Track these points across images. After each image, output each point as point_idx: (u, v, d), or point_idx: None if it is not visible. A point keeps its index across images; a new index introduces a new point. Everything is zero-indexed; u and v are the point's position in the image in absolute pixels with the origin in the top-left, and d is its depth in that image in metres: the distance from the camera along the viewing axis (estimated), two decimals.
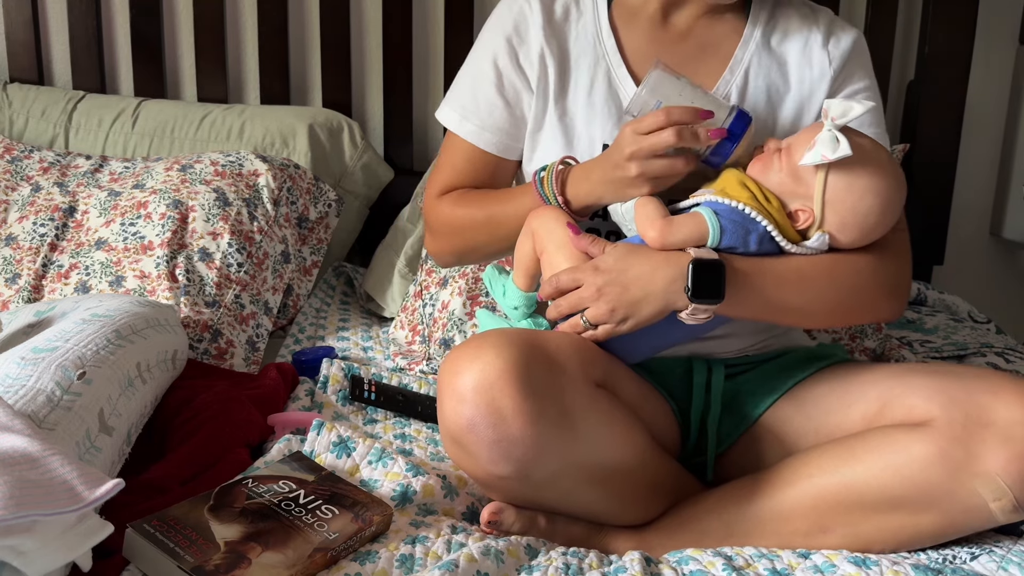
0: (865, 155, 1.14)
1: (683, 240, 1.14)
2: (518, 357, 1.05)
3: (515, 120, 1.33)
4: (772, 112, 1.30)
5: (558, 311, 1.17)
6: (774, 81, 1.31)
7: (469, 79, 1.36)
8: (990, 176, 2.31)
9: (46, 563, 0.85)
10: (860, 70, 1.33)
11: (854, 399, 1.18)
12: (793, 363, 1.27)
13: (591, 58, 1.31)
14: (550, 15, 1.32)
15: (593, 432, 1.10)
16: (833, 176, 1.14)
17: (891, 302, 1.25)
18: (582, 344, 1.15)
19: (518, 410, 1.03)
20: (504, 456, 1.05)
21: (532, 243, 1.22)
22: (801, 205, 1.16)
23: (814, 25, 1.32)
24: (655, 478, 1.18)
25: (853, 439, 1.13)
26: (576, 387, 1.09)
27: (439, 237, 1.40)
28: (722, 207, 1.15)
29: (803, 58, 1.31)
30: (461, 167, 1.36)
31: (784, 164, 1.16)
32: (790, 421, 1.22)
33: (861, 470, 1.10)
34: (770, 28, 1.32)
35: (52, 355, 1.11)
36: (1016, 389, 1.07)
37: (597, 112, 1.29)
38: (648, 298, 1.13)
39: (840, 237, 1.17)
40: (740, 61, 1.30)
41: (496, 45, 1.33)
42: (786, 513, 1.13)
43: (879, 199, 1.15)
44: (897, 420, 1.12)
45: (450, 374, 1.07)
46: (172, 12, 2.13)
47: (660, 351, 1.24)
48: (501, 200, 1.31)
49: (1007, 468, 1.04)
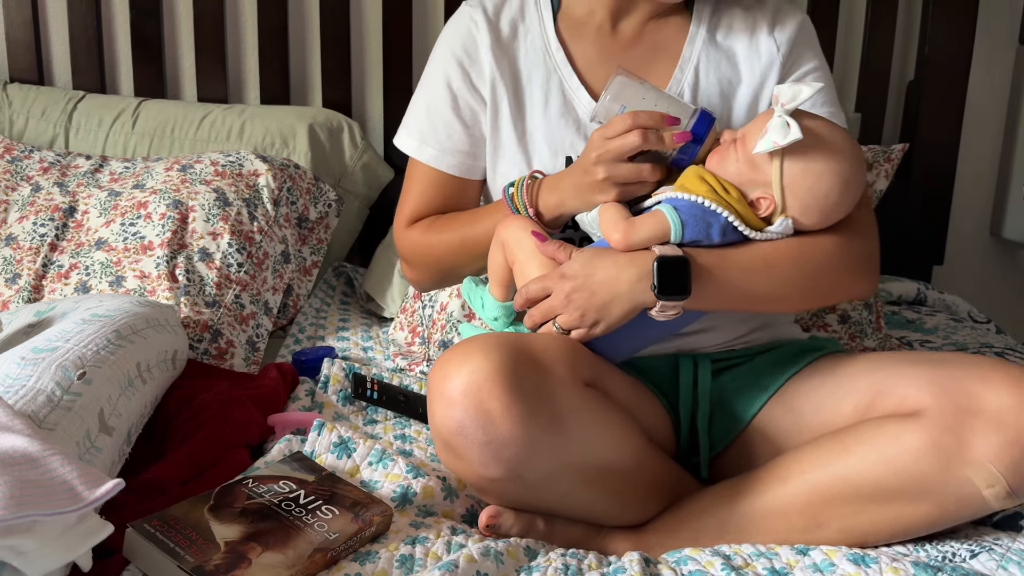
0: (817, 137, 1.15)
1: (646, 239, 1.15)
2: (506, 359, 1.05)
3: (474, 140, 1.35)
4: (727, 105, 1.32)
5: (532, 320, 1.19)
6: (724, 74, 1.32)
7: (424, 104, 1.38)
8: (990, 176, 2.31)
9: (46, 563, 0.85)
10: (808, 51, 1.34)
11: (845, 392, 1.18)
12: (783, 358, 1.27)
13: (543, 73, 1.32)
14: (497, 34, 1.34)
15: (585, 432, 1.10)
16: (788, 161, 1.15)
17: (862, 279, 1.25)
18: (570, 345, 1.15)
19: (507, 411, 1.04)
20: (495, 458, 1.05)
21: (503, 254, 1.24)
22: (762, 193, 1.17)
23: (758, 13, 1.34)
24: (651, 477, 1.18)
25: (845, 432, 1.13)
26: (565, 387, 1.09)
27: (415, 266, 1.41)
28: (682, 202, 1.16)
29: (751, 48, 1.33)
30: (427, 192, 1.38)
31: (740, 154, 1.17)
32: (782, 421, 1.22)
33: (854, 463, 1.10)
34: (715, 23, 1.34)
35: (52, 355, 1.11)
36: (1006, 375, 1.08)
37: (554, 125, 1.31)
38: (616, 300, 1.14)
39: (803, 220, 1.18)
40: (689, 59, 1.32)
41: (448, 67, 1.35)
42: (781, 509, 1.13)
43: (837, 179, 1.16)
44: (889, 411, 1.12)
45: (439, 379, 1.08)
46: (172, 12, 2.14)
47: (641, 349, 1.25)
48: (472, 220, 1.33)
49: (999, 455, 1.05)
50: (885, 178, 1.97)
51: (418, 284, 1.46)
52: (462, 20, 1.36)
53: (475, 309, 1.31)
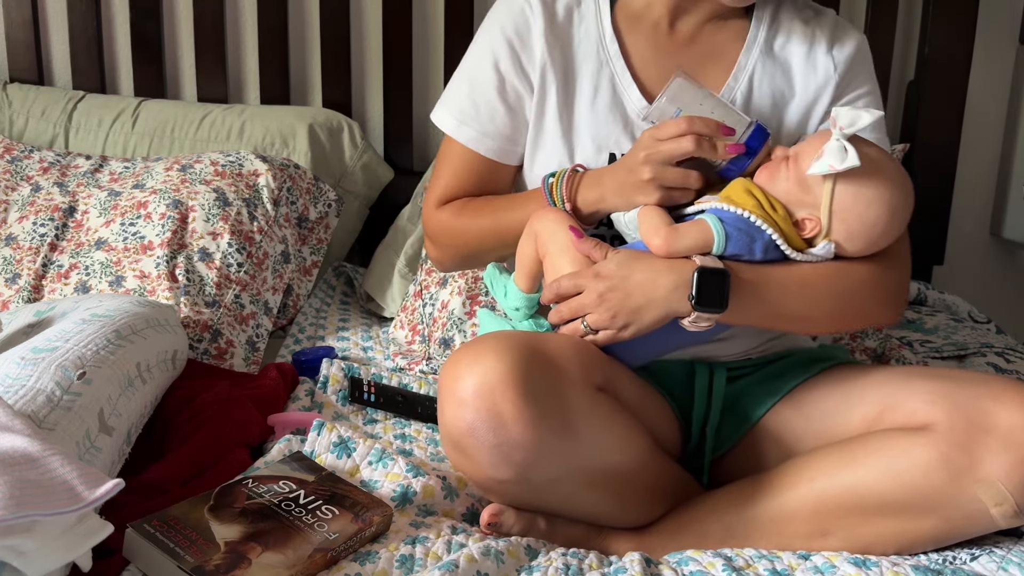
0: (873, 165, 1.14)
1: (688, 247, 1.13)
2: (519, 361, 1.04)
3: (516, 125, 1.31)
4: (777, 117, 1.30)
5: (559, 316, 1.17)
6: (779, 86, 1.30)
7: (467, 82, 1.33)
8: (990, 176, 2.31)
9: (46, 563, 0.85)
10: (863, 75, 1.33)
11: (855, 402, 1.17)
12: (794, 365, 1.26)
13: (594, 63, 1.29)
14: (552, 18, 1.29)
15: (594, 436, 1.09)
16: (841, 186, 1.14)
17: (890, 309, 1.25)
18: (583, 347, 1.14)
19: (519, 414, 1.03)
20: (505, 460, 1.05)
21: (534, 245, 1.21)
22: (808, 214, 1.16)
23: (817, 29, 1.31)
24: (656, 481, 1.17)
25: (854, 442, 1.12)
26: (577, 391, 1.08)
27: (442, 246, 1.38)
28: (727, 215, 1.14)
29: (807, 63, 1.30)
30: (461, 174, 1.34)
31: (791, 173, 1.16)
32: (790, 423, 1.21)
33: (862, 474, 1.09)
34: (773, 32, 1.31)
35: (52, 355, 1.11)
36: (1018, 394, 1.07)
37: (601, 119, 1.28)
38: (650, 305, 1.12)
39: (846, 246, 1.17)
40: (744, 67, 1.30)
41: (496, 47, 1.30)
42: (786, 516, 1.12)
43: (886, 209, 1.15)
44: (898, 424, 1.11)
45: (451, 379, 1.06)
46: (172, 12, 2.13)
47: (662, 355, 1.24)
48: (507, 207, 1.30)
49: (1009, 474, 1.04)
50: None
51: (440, 263, 1.42)
52: (516, 1, 1.31)
53: (496, 296, 1.28)
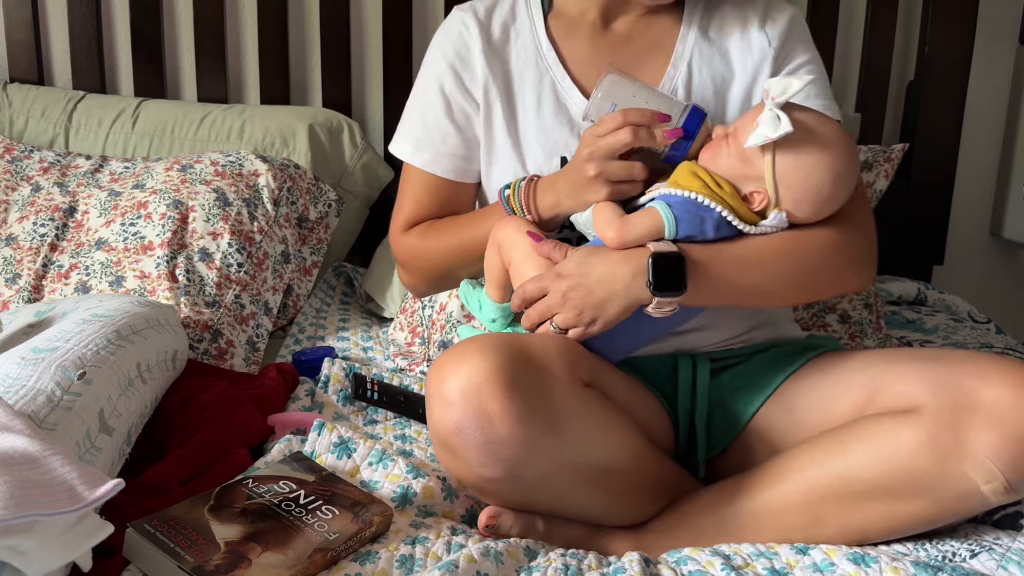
0: (809, 130, 1.15)
1: (640, 236, 1.15)
2: (504, 360, 1.06)
3: (468, 143, 1.36)
4: (721, 101, 1.32)
5: (529, 321, 1.19)
6: (718, 70, 1.33)
7: (417, 109, 1.38)
8: (990, 176, 2.32)
9: (46, 563, 0.85)
10: (800, 45, 1.34)
11: (843, 390, 1.18)
12: (781, 357, 1.27)
13: (535, 74, 1.33)
14: (489, 36, 1.34)
15: (583, 432, 1.10)
16: (780, 154, 1.15)
17: (857, 273, 1.25)
18: (568, 344, 1.15)
19: (505, 412, 1.04)
20: (493, 458, 1.06)
21: (499, 255, 1.24)
22: (755, 187, 1.17)
23: (749, 8, 1.34)
24: (650, 477, 1.18)
25: (843, 430, 1.13)
26: (563, 387, 1.09)
27: (412, 271, 1.41)
28: (675, 198, 1.16)
29: (743, 43, 1.33)
30: (422, 198, 1.38)
31: (732, 149, 1.17)
32: (780, 422, 1.22)
33: (852, 460, 1.10)
34: (706, 20, 1.34)
35: (52, 355, 1.11)
36: (1003, 371, 1.08)
37: (548, 126, 1.31)
38: (612, 297, 1.14)
39: (797, 213, 1.18)
40: (682, 56, 1.32)
41: (440, 72, 1.35)
42: (780, 507, 1.13)
43: (829, 171, 1.16)
44: (886, 408, 1.12)
45: (437, 380, 1.08)
46: (172, 12, 2.14)
47: (639, 348, 1.25)
48: (469, 224, 1.33)
49: (997, 451, 1.05)
50: (885, 178, 1.97)
51: (415, 289, 1.46)
52: (453, 24, 1.36)
53: (472, 311, 1.31)
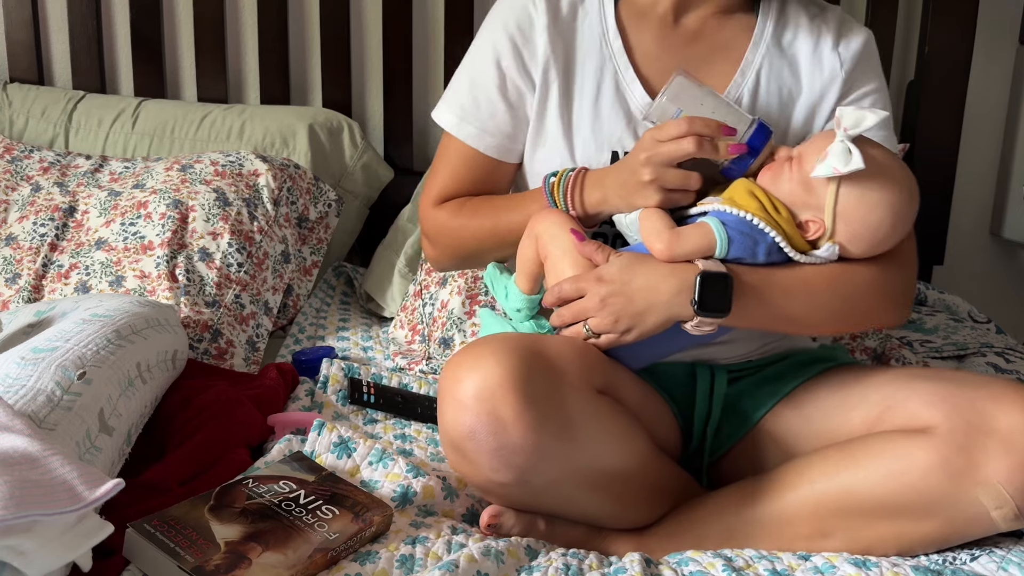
0: (878, 167, 1.13)
1: (690, 252, 1.13)
2: (519, 365, 1.04)
3: (517, 122, 1.30)
4: (784, 114, 1.29)
5: (561, 320, 1.16)
6: (786, 83, 1.29)
7: (468, 79, 1.32)
8: (990, 176, 2.31)
9: (46, 563, 0.85)
10: (870, 72, 1.31)
11: (855, 403, 1.17)
12: (794, 366, 1.26)
13: (597, 60, 1.28)
14: (556, 14, 1.28)
15: (594, 438, 1.09)
16: (845, 188, 1.13)
17: (895, 311, 1.24)
18: (583, 349, 1.13)
19: (519, 418, 1.03)
20: (505, 464, 1.05)
21: (535, 247, 1.20)
22: (811, 216, 1.15)
23: (823, 25, 1.30)
24: (656, 482, 1.17)
25: (854, 444, 1.12)
26: (577, 394, 1.08)
27: (439, 246, 1.37)
28: (730, 217, 1.13)
29: (814, 60, 1.29)
30: (460, 171, 1.33)
31: (795, 174, 1.15)
32: (789, 424, 1.21)
33: (862, 476, 1.09)
34: (780, 27, 1.30)
35: (52, 355, 1.11)
36: (1018, 397, 1.06)
37: (604, 116, 1.27)
38: (652, 309, 1.12)
39: (850, 248, 1.16)
40: (751, 63, 1.28)
41: (499, 44, 1.29)
42: (787, 517, 1.12)
43: (891, 212, 1.14)
44: (898, 425, 1.11)
45: (451, 382, 1.06)
46: (172, 12, 2.14)
47: (663, 358, 1.23)
48: (507, 207, 1.29)
49: (1009, 477, 1.04)
50: None
51: (437, 262, 1.41)
52: None
53: (497, 297, 1.27)
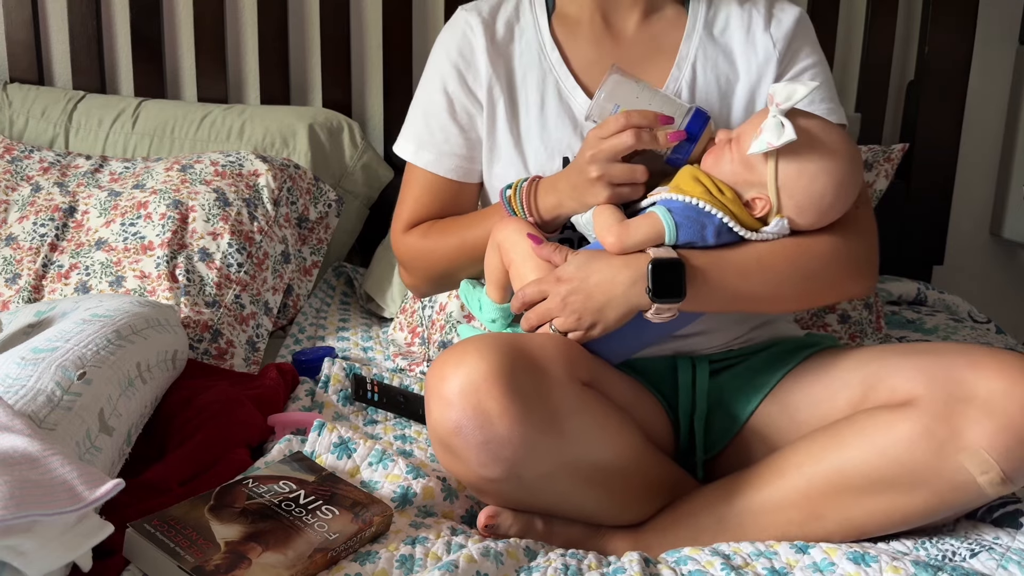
0: (812, 137, 1.15)
1: (640, 241, 1.15)
2: (502, 360, 1.06)
3: (471, 143, 1.35)
4: (724, 102, 1.32)
5: (528, 323, 1.19)
6: (722, 71, 1.32)
7: (421, 109, 1.38)
8: (990, 176, 2.31)
9: (46, 563, 0.85)
10: (806, 47, 1.34)
11: (839, 387, 1.18)
12: (779, 355, 1.27)
13: (538, 73, 1.32)
14: (492, 36, 1.34)
15: (582, 431, 1.10)
16: (783, 161, 1.15)
17: (858, 280, 1.25)
18: (567, 344, 1.15)
19: (504, 411, 1.04)
20: (493, 458, 1.06)
21: (499, 256, 1.24)
22: (757, 193, 1.17)
23: (753, 8, 1.34)
24: (649, 477, 1.18)
25: (839, 425, 1.14)
26: (562, 387, 1.09)
27: (413, 271, 1.41)
28: (676, 204, 1.16)
29: (747, 44, 1.32)
30: (424, 197, 1.38)
31: (735, 154, 1.17)
32: (778, 421, 1.22)
33: (849, 454, 1.10)
34: (711, 17, 1.34)
35: (52, 355, 1.11)
36: (996, 362, 1.08)
37: (551, 125, 1.31)
38: (612, 303, 1.14)
39: (799, 220, 1.18)
40: (686, 57, 1.32)
41: (444, 72, 1.35)
42: (779, 504, 1.13)
43: (832, 179, 1.16)
44: (881, 402, 1.13)
45: (436, 379, 1.08)
46: (172, 12, 2.14)
47: (639, 351, 1.25)
48: (470, 224, 1.33)
49: (992, 441, 1.05)
50: (885, 178, 1.97)
51: (416, 289, 1.46)
52: (457, 24, 1.36)
53: (472, 311, 1.30)
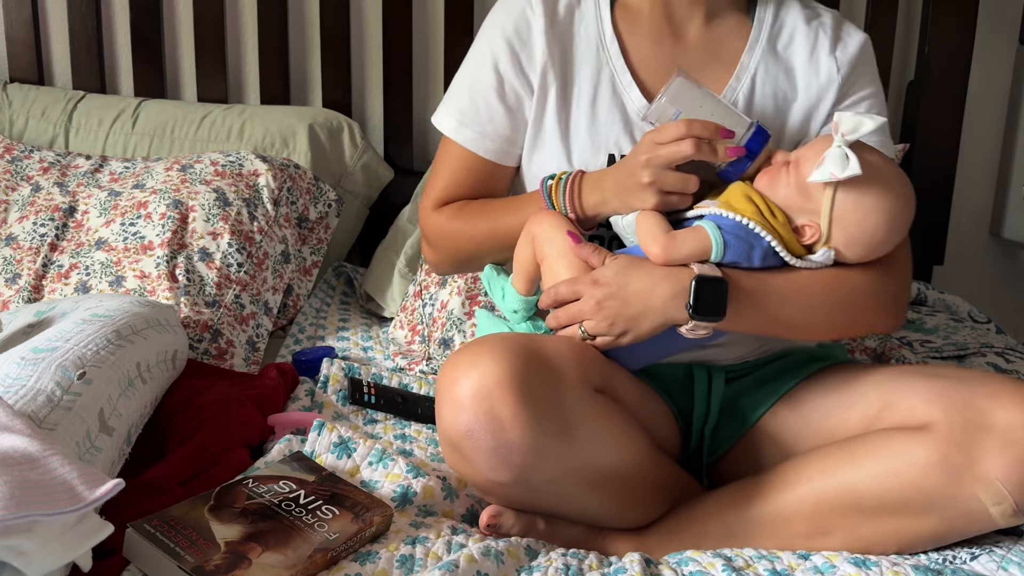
0: (874, 172, 1.13)
1: (686, 256, 1.13)
2: (516, 364, 1.04)
3: (516, 126, 1.31)
4: (779, 119, 1.29)
5: (557, 322, 1.17)
6: (781, 87, 1.29)
7: (467, 83, 1.33)
8: (990, 176, 2.31)
9: (46, 563, 0.85)
10: (867, 75, 1.32)
11: (853, 401, 1.17)
12: (792, 365, 1.26)
13: (594, 63, 1.28)
14: (552, 17, 1.29)
15: (592, 437, 1.09)
16: (841, 193, 1.13)
17: (889, 318, 1.24)
18: (581, 349, 1.14)
19: (516, 417, 1.03)
20: (503, 463, 1.05)
21: (532, 249, 1.21)
22: (808, 220, 1.15)
23: (820, 28, 1.31)
24: (655, 481, 1.17)
25: (853, 442, 1.12)
26: (575, 393, 1.08)
27: (438, 249, 1.38)
28: (726, 222, 1.14)
29: (810, 64, 1.30)
30: (459, 175, 1.34)
31: (792, 179, 1.15)
32: (788, 424, 1.21)
33: (861, 473, 1.09)
34: (776, 32, 1.31)
35: (52, 355, 1.11)
36: (1016, 393, 1.07)
37: (601, 119, 1.27)
38: (648, 313, 1.12)
39: (846, 253, 1.16)
40: (747, 68, 1.29)
41: (497, 48, 1.30)
42: (786, 516, 1.12)
43: (887, 217, 1.15)
44: (896, 423, 1.11)
45: (448, 381, 1.06)
46: (172, 12, 2.13)
47: (660, 360, 1.23)
48: (505, 210, 1.29)
49: (1007, 473, 1.04)
50: None
51: (437, 267, 1.42)
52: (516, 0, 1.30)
53: (494, 298, 1.28)
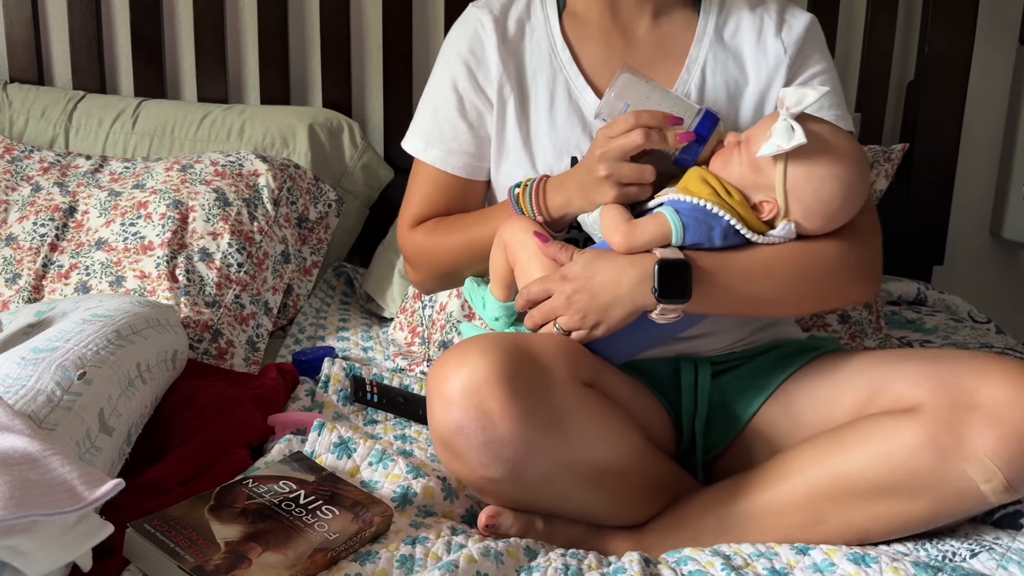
0: (822, 141, 1.15)
1: (647, 242, 1.15)
2: (504, 359, 1.06)
3: (479, 141, 1.36)
4: (733, 106, 1.32)
5: (533, 321, 1.19)
6: (732, 75, 1.32)
7: (430, 105, 1.38)
8: (990, 176, 2.32)
9: (46, 563, 0.85)
10: (815, 53, 1.34)
11: (843, 390, 1.18)
12: (782, 358, 1.27)
13: (548, 72, 1.33)
14: (504, 34, 1.34)
15: (584, 431, 1.10)
16: (792, 165, 1.15)
17: (862, 285, 1.26)
18: (569, 344, 1.16)
19: (505, 411, 1.04)
20: (495, 458, 1.06)
21: (505, 255, 1.24)
22: (764, 196, 1.17)
23: (765, 13, 1.34)
24: (650, 477, 1.18)
25: (843, 429, 1.14)
26: (564, 387, 1.09)
27: (419, 267, 1.41)
28: (683, 205, 1.16)
29: (758, 49, 1.33)
30: (431, 194, 1.38)
31: (744, 157, 1.17)
32: (780, 421, 1.22)
33: (852, 459, 1.10)
34: (722, 21, 1.34)
35: (52, 355, 1.11)
36: (1002, 370, 1.08)
37: (559, 124, 1.31)
38: (617, 302, 1.14)
39: (806, 224, 1.18)
40: (696, 59, 1.32)
41: (454, 68, 1.35)
42: (780, 507, 1.13)
43: (841, 184, 1.16)
44: (886, 407, 1.12)
45: (438, 380, 1.08)
46: (172, 12, 2.14)
47: (642, 351, 1.25)
48: (478, 222, 1.33)
49: (996, 449, 1.05)
50: (885, 178, 1.97)
51: (421, 285, 1.46)
52: (468, 22, 1.36)
53: (476, 309, 1.31)
